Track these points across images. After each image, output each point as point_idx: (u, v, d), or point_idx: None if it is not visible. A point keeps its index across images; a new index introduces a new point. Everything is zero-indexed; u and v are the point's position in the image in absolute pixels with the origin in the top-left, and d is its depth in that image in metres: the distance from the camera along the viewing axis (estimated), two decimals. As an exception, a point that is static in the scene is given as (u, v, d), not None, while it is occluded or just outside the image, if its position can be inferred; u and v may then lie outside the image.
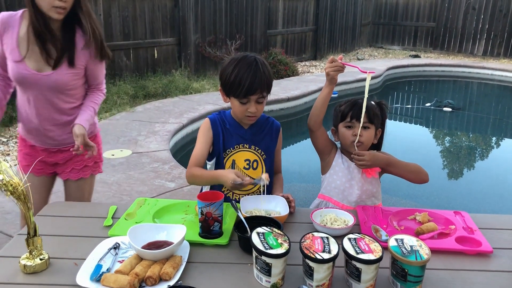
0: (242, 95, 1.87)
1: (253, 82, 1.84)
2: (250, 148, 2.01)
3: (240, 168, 2.00)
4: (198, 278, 1.39)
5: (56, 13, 1.88)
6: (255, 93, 1.86)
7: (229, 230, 1.66)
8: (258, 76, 1.85)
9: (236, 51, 8.96)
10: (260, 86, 1.86)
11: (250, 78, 1.84)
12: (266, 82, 1.89)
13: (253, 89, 1.85)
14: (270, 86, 1.93)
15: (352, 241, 1.38)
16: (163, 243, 1.49)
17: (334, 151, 2.10)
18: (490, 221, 1.80)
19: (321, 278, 1.31)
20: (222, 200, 1.60)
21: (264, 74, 1.87)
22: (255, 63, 1.88)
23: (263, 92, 1.89)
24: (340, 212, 1.76)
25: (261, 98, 1.90)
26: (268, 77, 1.90)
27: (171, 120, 5.94)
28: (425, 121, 8.14)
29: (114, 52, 7.24)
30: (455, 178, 5.48)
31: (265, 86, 1.89)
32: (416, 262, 1.29)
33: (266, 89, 1.91)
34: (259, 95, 1.89)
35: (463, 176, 5.59)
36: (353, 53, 13.58)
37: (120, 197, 3.76)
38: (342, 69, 1.89)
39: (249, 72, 1.85)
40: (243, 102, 1.89)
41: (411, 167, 2.00)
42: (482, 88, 10.94)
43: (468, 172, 5.72)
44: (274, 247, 1.34)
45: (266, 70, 1.90)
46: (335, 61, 1.88)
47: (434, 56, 13.41)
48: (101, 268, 1.38)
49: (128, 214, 1.76)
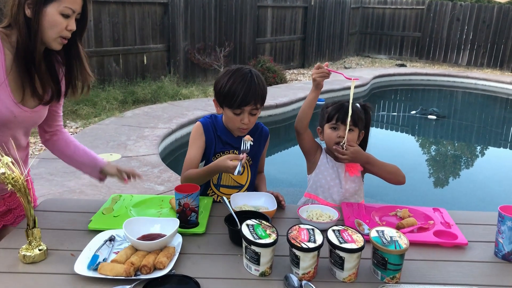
0: (236, 106, 1.90)
1: (247, 93, 1.88)
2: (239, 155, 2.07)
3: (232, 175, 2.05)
4: (190, 267, 1.47)
5: (60, 44, 1.63)
6: (248, 104, 1.89)
7: (204, 220, 1.76)
8: (253, 88, 1.89)
9: (225, 58, 9.07)
10: (254, 98, 1.89)
11: (244, 89, 1.88)
12: (260, 94, 1.92)
13: (247, 100, 1.88)
14: (264, 98, 1.96)
15: (336, 232, 1.47)
16: (156, 235, 1.56)
17: (320, 152, 2.19)
18: (467, 217, 1.90)
19: (306, 266, 1.40)
20: (199, 191, 1.70)
21: (258, 86, 1.91)
22: (250, 74, 1.91)
23: (257, 104, 1.92)
24: (325, 208, 1.85)
25: (254, 109, 1.93)
26: (262, 89, 1.93)
27: (160, 125, 6.00)
28: (411, 128, 8.32)
29: (103, 57, 7.33)
30: (438, 181, 5.63)
31: (259, 98, 1.91)
32: (396, 251, 1.38)
33: (260, 100, 1.93)
34: (253, 107, 1.91)
35: (445, 179, 5.75)
36: (340, 61, 13.77)
37: (110, 200, 3.81)
38: (327, 75, 1.98)
39: (244, 83, 1.88)
40: (237, 113, 1.92)
41: (390, 168, 2.09)
42: (466, 97, 11.18)
43: (450, 175, 5.88)
44: (263, 237, 1.42)
45: (260, 82, 1.93)
46: (321, 67, 1.97)
47: (419, 65, 13.66)
48: (98, 258, 1.45)
49: (106, 209, 1.83)
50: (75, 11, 1.60)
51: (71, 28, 1.60)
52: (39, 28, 1.56)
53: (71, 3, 1.58)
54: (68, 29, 1.60)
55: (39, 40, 1.58)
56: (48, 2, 1.55)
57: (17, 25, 1.56)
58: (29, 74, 1.63)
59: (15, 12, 1.55)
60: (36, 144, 5.30)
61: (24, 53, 1.58)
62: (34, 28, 1.55)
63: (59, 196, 3.85)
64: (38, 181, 4.15)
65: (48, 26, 1.57)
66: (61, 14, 1.57)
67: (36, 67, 1.62)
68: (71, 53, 1.71)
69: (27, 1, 1.54)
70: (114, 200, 1.91)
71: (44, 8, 1.54)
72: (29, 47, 1.57)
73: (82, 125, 6.09)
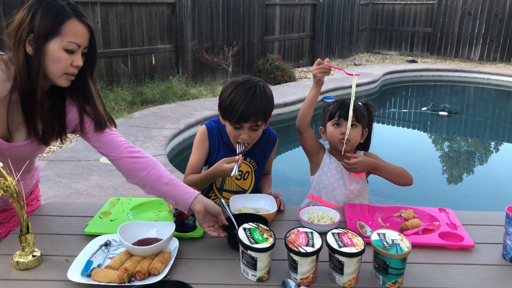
0: (234, 121, 1.83)
1: (247, 110, 1.79)
2: (245, 160, 2.02)
3: (232, 177, 2.01)
4: (186, 273, 1.43)
5: (67, 80, 1.51)
6: (248, 121, 1.82)
7: None
8: (254, 104, 1.80)
9: (234, 57, 9.03)
10: (254, 115, 1.81)
11: (244, 105, 1.79)
12: (262, 111, 1.83)
13: (246, 117, 1.80)
14: (267, 115, 1.87)
15: (336, 236, 1.42)
16: (153, 240, 1.53)
17: (323, 152, 2.14)
18: (474, 217, 1.84)
19: (305, 271, 1.35)
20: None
21: (261, 102, 1.82)
22: (253, 89, 1.82)
23: (258, 121, 1.84)
24: (327, 210, 1.80)
25: (255, 126, 1.85)
26: (265, 105, 1.84)
27: (168, 126, 5.99)
28: (421, 125, 8.20)
29: (111, 59, 7.33)
30: (449, 179, 5.53)
31: (260, 115, 1.83)
32: (397, 254, 1.33)
33: (262, 118, 1.85)
34: (253, 124, 1.83)
35: (457, 176, 5.64)
36: (350, 58, 13.66)
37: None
38: (328, 72, 1.94)
39: (245, 99, 1.80)
40: (236, 127, 1.86)
41: (397, 171, 2.04)
42: (479, 93, 11.01)
43: (461, 173, 5.77)
44: (260, 242, 1.38)
45: (264, 98, 1.84)
46: (322, 63, 1.93)
47: (431, 61, 13.49)
48: (92, 263, 1.42)
49: (103, 213, 1.80)
50: (80, 45, 1.48)
51: (77, 64, 1.48)
52: (41, 66, 1.43)
53: (75, 37, 1.45)
54: (74, 65, 1.48)
55: (41, 79, 1.45)
56: (50, 37, 1.42)
57: (17, 63, 1.44)
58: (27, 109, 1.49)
59: (15, 48, 1.43)
60: (44, 146, 5.32)
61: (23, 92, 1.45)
62: (35, 67, 1.43)
63: (66, 198, 3.86)
64: (46, 183, 4.16)
65: (51, 63, 1.44)
66: (64, 50, 1.44)
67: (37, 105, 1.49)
68: (81, 91, 1.58)
69: (28, 38, 1.41)
70: (112, 203, 1.89)
71: (46, 44, 1.42)
72: (27, 86, 1.44)
73: (90, 126, 6.09)
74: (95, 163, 4.68)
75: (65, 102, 1.60)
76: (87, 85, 1.59)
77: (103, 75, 7.20)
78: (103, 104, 1.65)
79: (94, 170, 4.49)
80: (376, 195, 4.37)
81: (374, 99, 9.44)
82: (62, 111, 1.60)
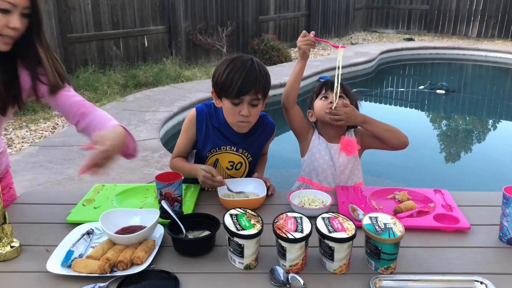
0: (234, 95, 1.73)
1: (247, 80, 1.71)
2: (237, 152, 1.93)
3: (223, 167, 1.95)
4: (171, 262, 1.38)
5: (4, 44, 1.42)
6: (248, 93, 1.73)
7: (190, 209, 1.67)
8: (253, 75, 1.72)
9: (228, 38, 8.90)
10: (254, 86, 1.72)
11: (243, 77, 1.71)
12: (262, 83, 1.75)
13: (246, 89, 1.71)
14: (266, 89, 1.79)
15: (326, 220, 1.36)
16: (137, 227, 1.47)
17: (311, 133, 2.07)
18: (470, 198, 1.79)
19: (293, 258, 1.30)
20: (181, 180, 1.60)
21: (260, 73, 1.74)
22: (250, 62, 1.76)
23: (258, 94, 1.75)
24: (318, 193, 1.74)
25: (255, 100, 1.76)
26: (264, 77, 1.76)
27: (162, 109, 5.90)
28: (419, 104, 8.12)
29: (103, 41, 7.21)
30: (447, 158, 5.48)
31: (260, 87, 1.74)
32: (389, 239, 1.28)
33: (262, 90, 1.76)
34: (253, 96, 1.74)
35: (455, 155, 5.59)
36: (346, 37, 13.49)
37: (109, 186, 3.74)
38: (313, 44, 1.90)
39: (243, 70, 1.72)
40: (235, 103, 1.75)
41: (389, 126, 1.95)
42: (477, 70, 10.91)
43: (459, 152, 5.73)
44: (247, 228, 1.32)
45: (262, 70, 1.77)
46: (307, 35, 1.89)
47: (428, 38, 13.34)
48: (72, 253, 1.36)
49: (86, 200, 1.73)
50: (16, 5, 1.37)
51: (13, 26, 1.38)
52: None
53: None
54: (10, 26, 1.37)
55: None
56: None
57: None
58: None
59: None
60: (36, 132, 5.24)
61: None
62: None
63: (58, 184, 3.80)
64: (37, 169, 4.10)
65: None
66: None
67: None
68: (29, 55, 1.49)
69: None
70: (97, 190, 1.82)
71: None
72: None
73: (83, 111, 6.00)
74: (88, 148, 4.61)
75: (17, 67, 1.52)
76: (34, 48, 1.49)
77: (95, 58, 7.08)
78: (59, 65, 1.57)
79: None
80: (373, 175, 4.32)
81: (371, 79, 9.35)
82: (15, 76, 1.52)
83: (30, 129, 5.33)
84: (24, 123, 5.45)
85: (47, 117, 5.66)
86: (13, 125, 5.40)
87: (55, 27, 6.36)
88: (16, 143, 4.93)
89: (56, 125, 5.50)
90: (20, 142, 4.95)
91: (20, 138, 5.06)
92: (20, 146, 4.84)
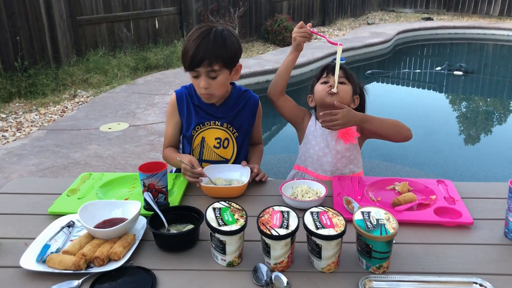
0: (188, 68, 1.69)
1: (198, 52, 1.63)
2: (222, 126, 1.88)
3: (210, 146, 1.89)
4: (151, 258, 1.31)
5: None
6: (201, 64, 1.65)
7: (176, 200, 1.60)
8: (205, 45, 1.63)
9: (240, 19, 8.74)
10: (207, 57, 1.64)
11: (195, 48, 1.64)
12: (217, 53, 1.65)
13: (197, 60, 1.64)
14: (226, 58, 1.68)
15: (314, 215, 1.27)
16: (119, 220, 1.41)
17: (307, 119, 1.97)
18: (475, 190, 1.68)
19: (278, 255, 1.22)
20: (165, 170, 1.52)
21: (215, 43, 1.65)
22: (207, 32, 1.66)
23: (213, 65, 1.66)
24: (312, 183, 1.65)
25: (211, 72, 1.68)
26: (221, 48, 1.66)
27: (171, 92, 5.82)
28: (435, 85, 7.89)
29: (113, 23, 7.13)
30: (464, 142, 5.30)
31: (213, 58, 1.65)
32: (381, 237, 1.18)
33: (219, 62, 1.66)
34: (208, 68, 1.66)
35: (474, 137, 5.40)
36: (363, 17, 13.18)
37: (114, 171, 3.71)
38: (309, 37, 1.80)
39: (197, 41, 1.64)
40: (194, 76, 1.72)
41: (390, 122, 1.82)
42: (498, 50, 10.56)
43: (477, 136, 5.53)
44: (229, 223, 1.25)
45: (219, 39, 1.66)
46: (304, 27, 1.78)
47: (447, 18, 12.95)
48: (48, 248, 1.30)
49: (71, 190, 1.67)
50: None
51: None
52: None
53: None
54: None
55: None
56: None
57: None
58: None
59: None
60: (45, 115, 5.23)
61: None
62: None
63: (63, 169, 3.77)
64: (44, 153, 4.08)
65: None
66: None
67: None
68: None
69: None
70: (83, 179, 1.76)
71: None
72: None
73: (93, 94, 5.97)
74: (95, 131, 4.58)
75: None
76: None
77: (105, 41, 7.01)
78: None
79: (93, 139, 4.39)
80: (385, 160, 4.19)
81: (387, 59, 9.12)
82: None
83: (39, 112, 5.32)
84: (34, 107, 5.44)
85: (56, 100, 5.64)
86: (23, 109, 5.40)
87: (64, 10, 6.29)
88: (25, 126, 4.92)
89: (65, 108, 5.48)
90: (29, 125, 4.95)
91: (29, 121, 5.05)
92: (29, 129, 4.83)
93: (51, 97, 5.73)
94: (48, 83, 5.93)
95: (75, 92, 5.94)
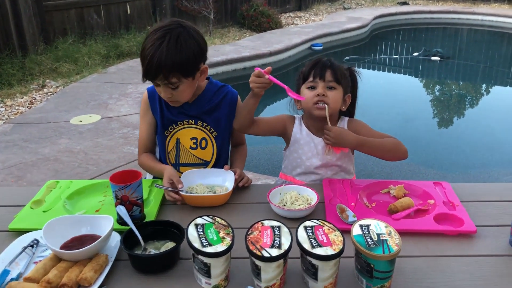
0: (144, 79, 1.55)
1: (152, 64, 1.47)
2: (196, 124, 1.73)
3: (186, 147, 1.75)
4: (127, 281, 1.16)
5: None
6: (156, 78, 1.51)
7: (153, 212, 1.45)
8: (158, 57, 1.46)
9: (215, 4, 8.50)
10: (160, 70, 1.48)
11: (149, 59, 1.47)
12: (172, 65, 1.48)
13: (152, 73, 1.50)
14: (182, 69, 1.51)
15: (309, 231, 1.15)
16: (89, 237, 1.25)
17: (291, 125, 1.78)
18: (474, 192, 1.57)
19: (270, 278, 1.09)
20: (140, 180, 1.37)
21: (168, 53, 1.47)
22: (161, 39, 1.48)
23: (169, 78, 1.50)
24: (302, 189, 1.52)
25: (169, 84, 1.52)
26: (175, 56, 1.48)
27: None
28: (413, 71, 7.86)
29: (83, 9, 6.82)
30: (443, 131, 5.26)
31: (168, 70, 1.48)
32: (384, 256, 1.07)
33: (175, 72, 1.50)
34: (164, 81, 1.51)
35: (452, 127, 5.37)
36: (339, 2, 13.04)
37: (86, 167, 3.52)
38: (268, 85, 1.55)
39: (151, 51, 1.47)
40: (155, 84, 1.58)
41: (387, 146, 1.66)
42: (472, 35, 10.60)
43: (456, 123, 5.50)
44: (214, 243, 1.11)
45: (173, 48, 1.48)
46: (262, 76, 1.53)
47: (423, 2, 12.93)
48: (7, 274, 1.14)
49: (35, 202, 1.50)
50: None
51: None
52: None
53: None
54: None
55: None
56: None
57: None
58: None
59: None
60: (12, 107, 4.96)
61: None
62: None
63: (32, 165, 3.56)
64: (11, 148, 3.85)
65: None
66: None
67: None
68: None
69: None
70: (49, 188, 1.58)
71: None
72: None
73: (62, 84, 5.70)
74: (65, 124, 4.36)
75: None
76: None
77: (74, 28, 6.71)
78: None
79: (63, 133, 4.17)
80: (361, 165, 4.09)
81: (364, 45, 9.04)
82: None
83: (5, 104, 5.05)
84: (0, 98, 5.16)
85: (24, 91, 5.37)
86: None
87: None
88: (1, 116, 4.66)
89: (33, 99, 5.21)
90: (-6, 119, 4.68)
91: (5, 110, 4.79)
92: (-6, 123, 4.57)
93: (17, 88, 5.44)
94: (14, 73, 5.64)
95: (43, 82, 5.66)
